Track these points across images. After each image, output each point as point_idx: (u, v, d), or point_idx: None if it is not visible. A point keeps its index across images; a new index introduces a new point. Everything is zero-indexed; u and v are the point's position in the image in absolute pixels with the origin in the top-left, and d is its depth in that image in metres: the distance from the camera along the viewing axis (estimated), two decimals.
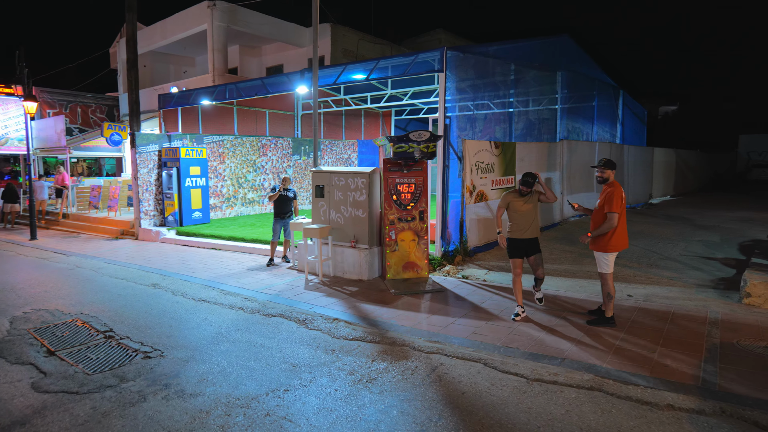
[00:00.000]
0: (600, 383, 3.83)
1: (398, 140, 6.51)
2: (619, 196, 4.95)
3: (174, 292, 7.09)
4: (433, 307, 6.04)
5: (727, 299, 5.89)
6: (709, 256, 7.98)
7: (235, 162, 14.27)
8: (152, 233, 11.85)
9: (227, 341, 5.09)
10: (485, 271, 7.73)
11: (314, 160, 8.25)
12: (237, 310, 6.18)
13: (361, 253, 7.51)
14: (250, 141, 14.58)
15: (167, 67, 21.52)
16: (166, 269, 8.57)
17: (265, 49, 20.10)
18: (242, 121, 14.82)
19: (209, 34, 16.05)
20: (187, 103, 12.50)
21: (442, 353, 4.58)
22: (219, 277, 7.86)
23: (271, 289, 7.11)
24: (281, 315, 5.91)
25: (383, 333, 5.18)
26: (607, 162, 5.19)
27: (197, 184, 12.51)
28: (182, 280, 7.75)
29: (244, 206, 14.60)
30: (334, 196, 7.92)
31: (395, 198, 7.34)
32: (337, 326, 5.46)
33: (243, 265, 8.82)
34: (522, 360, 4.34)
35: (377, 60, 8.67)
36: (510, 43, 9.35)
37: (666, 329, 4.97)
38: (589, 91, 12.45)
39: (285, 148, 15.58)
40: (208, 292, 7.01)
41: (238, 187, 14.40)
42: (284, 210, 8.77)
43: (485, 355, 4.49)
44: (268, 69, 20.39)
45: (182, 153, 12.03)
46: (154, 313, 6.09)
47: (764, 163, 26.42)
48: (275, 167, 15.33)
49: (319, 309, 6.08)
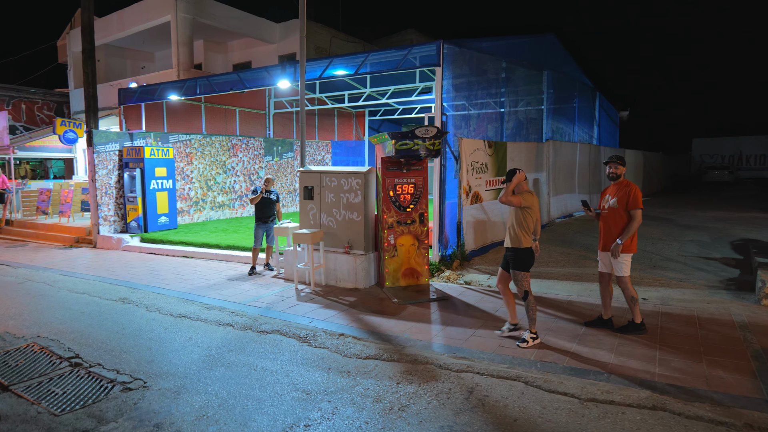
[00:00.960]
0: (661, 401, 3.46)
1: (402, 137, 6.00)
2: (640, 193, 4.74)
3: (147, 307, 6.26)
4: (444, 317, 5.56)
5: (742, 300, 5.75)
6: (707, 256, 7.94)
7: (203, 163, 13.31)
8: (113, 241, 10.77)
9: (222, 365, 4.40)
10: (487, 276, 7.34)
11: (301, 159, 7.62)
12: (225, 326, 5.47)
13: (357, 259, 6.94)
14: (219, 141, 13.66)
15: (123, 62, 20.06)
16: (134, 281, 7.67)
17: (232, 44, 19.10)
18: (211, 120, 13.88)
19: (173, 27, 14.97)
20: (151, 98, 11.49)
21: (473, 371, 4.10)
22: (197, 289, 7.07)
23: (259, 301, 6.42)
24: (278, 331, 5.26)
25: (399, 349, 4.64)
26: (620, 158, 4.92)
27: (163, 186, 11.51)
28: (155, 293, 6.90)
29: (214, 210, 13.66)
30: (325, 198, 7.31)
31: (394, 200, 6.83)
32: (345, 343, 4.87)
33: (222, 274, 8.04)
34: (565, 376, 3.92)
35: (367, 54, 8.14)
36: (502, 39, 9.06)
37: (700, 335, 4.70)
38: (571, 91, 12.43)
39: (257, 148, 14.74)
40: (188, 307, 6.23)
41: (207, 189, 13.45)
42: (267, 214, 8.07)
43: (522, 371, 4.04)
44: (234, 66, 19.39)
45: (147, 153, 11.02)
46: (127, 334, 5.28)
47: (718, 166, 27.82)
48: (246, 169, 14.46)
49: (319, 323, 5.47)
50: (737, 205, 16.07)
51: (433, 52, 7.54)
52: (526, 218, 4.61)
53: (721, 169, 26.76)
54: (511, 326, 4.89)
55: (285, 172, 15.69)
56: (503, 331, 4.89)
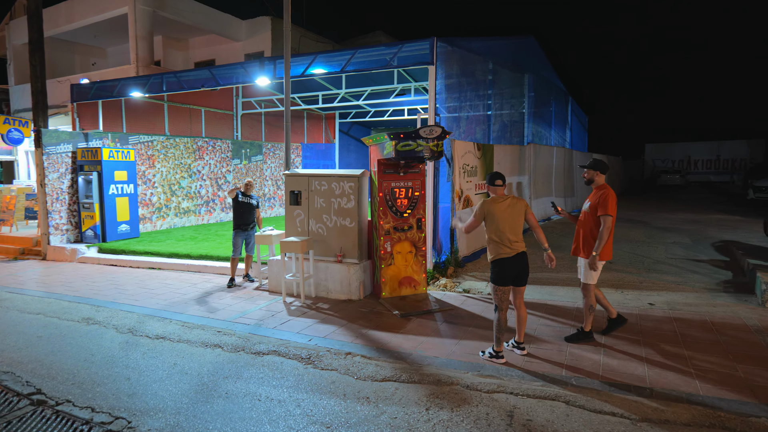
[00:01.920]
0: (716, 418, 3.24)
1: (405, 137, 5.61)
2: (614, 199, 4.52)
3: (118, 328, 5.53)
4: (454, 330, 5.20)
5: (745, 303, 5.74)
6: (695, 258, 8.03)
7: (167, 166, 12.39)
8: (66, 252, 9.73)
9: (219, 396, 3.83)
10: (485, 284, 7.06)
11: (286, 162, 7.08)
12: (213, 348, 4.86)
13: (350, 268, 6.48)
14: (184, 142, 12.76)
15: (71, 57, 18.55)
16: (97, 297, 6.84)
17: (194, 41, 18.08)
18: (174, 120, 12.96)
19: (131, 19, 13.90)
20: (109, 95, 10.52)
21: (506, 391, 3.75)
22: (172, 305, 6.37)
23: (246, 317, 5.82)
24: (275, 352, 4.72)
25: (417, 368, 4.23)
26: (599, 163, 4.69)
27: (124, 191, 10.56)
28: (125, 312, 6.15)
29: (178, 217, 12.73)
30: (314, 203, 6.80)
31: (390, 204, 6.42)
32: (354, 363, 4.41)
33: (197, 287, 7.34)
34: (606, 393, 3.64)
35: (354, 50, 7.71)
36: (488, 39, 8.89)
37: (722, 342, 4.58)
38: (548, 95, 12.50)
39: (224, 151, 13.92)
40: (166, 326, 5.55)
41: (170, 195, 12.52)
42: (247, 221, 7.45)
43: (558, 390, 3.73)
44: (196, 64, 18.37)
45: (105, 155, 10.06)
46: (98, 361, 4.58)
47: (670, 170, 29.25)
48: (213, 172, 13.61)
49: (320, 341, 4.96)
50: (697, 207, 16.78)
51: (425, 50, 7.22)
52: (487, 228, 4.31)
53: (673, 173, 28.12)
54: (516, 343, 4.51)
55: (254, 176, 14.92)
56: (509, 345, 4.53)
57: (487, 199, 4.37)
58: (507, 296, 4.30)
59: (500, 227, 4.24)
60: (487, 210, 4.30)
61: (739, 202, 18.40)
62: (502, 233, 4.24)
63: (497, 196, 4.36)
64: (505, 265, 4.26)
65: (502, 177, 4.40)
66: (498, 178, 4.38)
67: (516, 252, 4.25)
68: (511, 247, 4.23)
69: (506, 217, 4.25)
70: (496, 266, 4.30)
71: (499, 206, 4.28)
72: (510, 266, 4.25)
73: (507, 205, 4.29)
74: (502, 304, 4.29)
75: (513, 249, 4.24)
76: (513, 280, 4.31)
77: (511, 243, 4.23)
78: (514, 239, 4.25)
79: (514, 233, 4.26)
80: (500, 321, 4.29)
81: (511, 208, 4.28)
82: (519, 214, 4.30)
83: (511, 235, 4.24)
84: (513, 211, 4.28)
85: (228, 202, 14.10)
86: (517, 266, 4.28)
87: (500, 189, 4.37)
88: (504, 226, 4.24)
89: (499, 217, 4.24)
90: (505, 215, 4.25)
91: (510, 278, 4.28)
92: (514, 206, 4.30)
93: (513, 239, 4.24)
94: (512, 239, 4.23)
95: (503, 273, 4.26)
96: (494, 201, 4.32)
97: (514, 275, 4.29)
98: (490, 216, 4.29)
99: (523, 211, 4.34)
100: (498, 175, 4.41)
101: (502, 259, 4.26)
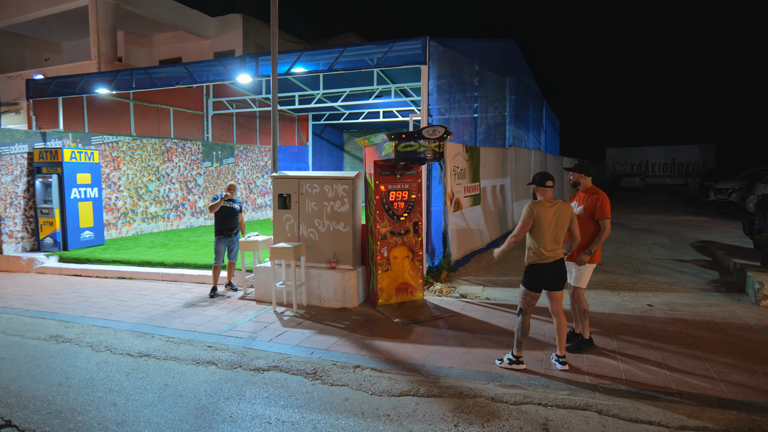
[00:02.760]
0: (753, 423, 3.17)
1: (407, 137, 5.39)
2: (609, 202, 4.44)
3: (93, 346, 5.01)
4: (461, 338, 5.00)
5: (739, 302, 5.86)
6: (680, 259, 8.21)
7: (133, 169, 11.64)
8: (22, 262, 8.90)
9: (224, 421, 3.46)
10: (481, 288, 6.93)
11: (273, 164, 6.70)
12: (207, 366, 4.46)
13: (345, 275, 6.18)
14: (151, 143, 12.04)
15: (21, 51, 17.26)
16: (64, 312, 6.23)
17: (158, 38, 17.21)
18: (141, 119, 12.22)
19: (92, 12, 13.01)
20: (71, 92, 9.75)
21: (533, 402, 3.57)
22: (152, 318, 5.87)
23: (237, 329, 5.42)
24: (276, 368, 4.36)
25: (433, 381, 4.00)
26: (583, 165, 4.54)
27: (87, 195, 9.80)
28: (99, 327, 5.60)
29: (146, 222, 11.99)
30: (305, 206, 6.46)
31: (387, 208, 6.18)
32: (365, 376, 4.13)
33: (176, 298, 6.83)
34: (636, 401, 3.52)
35: (343, 48, 7.43)
36: (476, 41, 8.82)
37: (730, 342, 4.60)
38: (527, 98, 12.61)
39: (194, 152, 13.25)
40: (149, 342, 5.07)
41: (137, 199, 11.77)
42: (230, 226, 7.01)
43: (587, 398, 3.59)
44: (161, 62, 17.51)
45: (67, 156, 9.30)
46: (75, 385, 4.09)
47: (631, 173, 30.45)
48: (183, 175, 12.92)
49: (323, 354, 4.65)
50: (662, 208, 17.44)
51: (418, 50, 7.04)
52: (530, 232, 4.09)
53: (633, 176, 29.27)
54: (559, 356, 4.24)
55: (225, 179, 14.30)
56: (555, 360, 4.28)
57: (535, 201, 4.04)
58: (535, 302, 4.11)
59: (543, 234, 3.97)
60: (536, 213, 3.97)
61: (700, 203, 19.29)
62: (543, 240, 3.97)
63: (545, 199, 4.05)
64: (542, 270, 4.02)
65: (552, 177, 4.09)
66: (549, 179, 4.05)
67: (555, 258, 4.03)
68: (550, 253, 4.00)
69: (552, 223, 3.97)
70: (531, 271, 4.06)
71: (548, 211, 3.97)
72: (548, 272, 4.02)
73: (555, 210, 3.99)
74: (528, 309, 4.11)
75: (552, 255, 4.01)
76: (548, 285, 4.09)
77: (548, 250, 4.00)
78: (554, 247, 4.02)
79: (555, 241, 4.02)
80: (524, 325, 4.10)
81: (558, 214, 3.99)
82: (565, 221, 4.03)
83: (553, 243, 4.00)
84: (560, 218, 4.00)
85: (199, 207, 13.43)
86: (555, 272, 4.05)
87: (550, 191, 4.05)
88: (547, 233, 3.96)
89: (545, 223, 3.96)
90: (551, 222, 3.97)
91: (544, 284, 4.07)
92: (561, 213, 4.01)
93: (552, 247, 4.01)
94: (551, 247, 4.00)
95: (538, 278, 4.04)
96: (542, 204, 3.99)
97: (550, 281, 4.07)
98: (536, 220, 3.98)
99: (569, 219, 4.06)
100: (548, 175, 4.08)
101: (539, 265, 4.03)
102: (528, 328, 4.14)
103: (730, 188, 15.72)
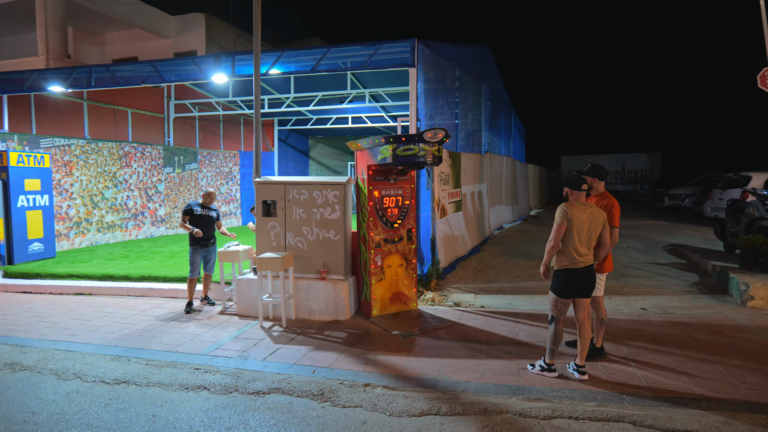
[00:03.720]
0: None
1: (408, 140, 5.16)
2: (619, 209, 4.35)
3: (59, 374, 4.41)
4: (468, 348, 4.80)
5: (725, 303, 6.02)
6: (657, 262, 8.43)
7: (87, 174, 10.75)
8: None
9: None
10: (473, 296, 6.78)
11: (255, 169, 6.29)
12: (198, 391, 4.00)
13: (337, 285, 5.85)
14: (108, 147, 11.18)
15: None
16: (17, 334, 5.51)
17: (111, 36, 16.14)
18: (97, 121, 11.31)
19: (39, 5, 11.95)
20: (18, 89, 8.83)
21: (563, 416, 3.41)
22: (124, 339, 5.29)
23: (224, 349, 4.96)
24: (278, 390, 3.98)
25: (453, 397, 3.76)
26: (596, 169, 4.40)
27: (37, 203, 8.90)
28: (62, 351, 4.96)
29: (101, 233, 11.08)
30: (292, 214, 6.09)
31: (381, 214, 5.91)
32: (378, 396, 3.83)
33: (146, 314, 6.24)
34: (666, 409, 3.43)
35: (327, 48, 7.13)
36: (457, 46, 8.76)
37: (732, 344, 4.66)
38: (499, 105, 12.75)
39: (154, 158, 12.44)
40: (125, 367, 4.53)
41: (92, 207, 10.86)
42: (207, 235, 6.51)
43: (617, 409, 3.46)
44: (114, 61, 16.42)
45: (13, 159, 8.41)
46: (44, 422, 3.53)
47: None
48: (142, 182, 12.09)
49: (326, 372, 4.30)
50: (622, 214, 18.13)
51: (406, 52, 6.86)
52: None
53: None
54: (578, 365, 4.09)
55: (188, 186, 13.54)
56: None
57: (569, 203, 3.90)
58: (566, 308, 3.98)
59: (575, 237, 3.83)
60: (570, 215, 3.83)
61: (654, 209, 20.28)
62: (575, 243, 3.84)
63: (579, 202, 3.91)
64: (573, 275, 3.89)
65: (586, 181, 3.96)
66: (584, 183, 3.91)
67: (585, 264, 3.90)
68: (580, 258, 3.87)
69: (585, 226, 3.85)
70: (561, 276, 3.92)
71: (581, 213, 3.84)
72: (578, 278, 3.89)
73: (588, 213, 3.87)
74: (560, 316, 3.98)
75: (583, 261, 3.88)
76: (578, 292, 3.96)
77: (580, 255, 3.87)
78: (585, 252, 3.88)
79: (588, 245, 3.89)
80: (556, 333, 3.96)
81: (591, 217, 3.88)
82: (599, 226, 3.91)
83: (583, 248, 3.87)
84: (593, 221, 3.88)
85: (160, 215, 12.60)
86: (584, 278, 3.92)
87: (584, 195, 3.93)
88: (579, 237, 3.84)
89: (578, 226, 3.83)
90: (584, 224, 3.84)
91: (574, 291, 3.94)
92: (595, 217, 3.89)
93: (584, 252, 3.88)
94: (583, 252, 3.87)
95: (569, 284, 3.91)
96: (576, 206, 3.86)
97: (581, 287, 3.94)
98: (569, 222, 3.84)
99: (602, 225, 3.94)
100: (583, 179, 3.94)
101: (569, 270, 3.89)
102: (561, 336, 4.02)
103: (684, 194, 16.59)
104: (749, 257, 6.39)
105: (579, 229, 3.84)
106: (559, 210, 3.90)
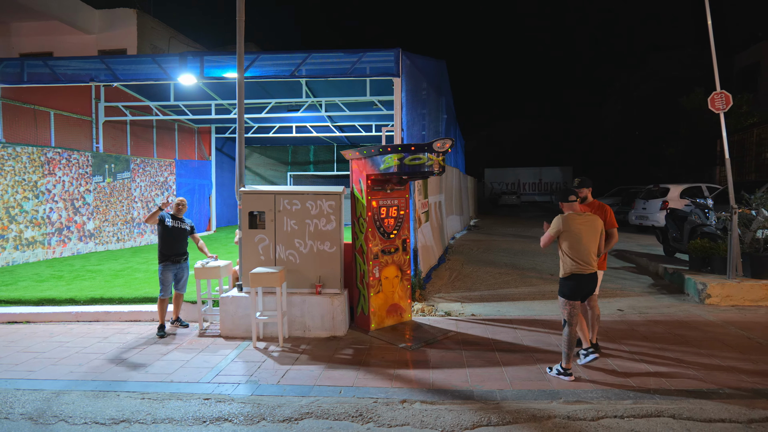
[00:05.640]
0: None
1: (417, 150, 5.11)
2: (612, 211, 4.93)
3: (34, 418, 3.71)
4: (485, 357, 4.82)
5: (685, 301, 6.68)
6: (611, 266, 9.14)
7: (3, 183, 9.30)
8: None
9: None
10: (459, 304, 6.86)
11: (238, 177, 5.85)
12: (220, 424, 3.58)
13: (334, 300, 5.60)
14: (27, 153, 9.78)
15: None
16: None
17: (20, 27, 14.19)
18: (13, 123, 9.85)
19: None
20: None
21: (609, 416, 3.54)
22: (98, 371, 4.60)
23: (225, 374, 4.50)
24: (310, 414, 3.69)
25: (496, 406, 3.74)
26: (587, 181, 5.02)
27: None
28: (26, 390, 4.19)
29: (20, 250, 9.61)
30: (283, 225, 5.75)
31: (378, 225, 5.79)
32: (420, 411, 3.70)
33: (112, 342, 5.50)
34: (694, 401, 3.70)
35: (308, 53, 6.88)
36: (425, 58, 8.92)
37: (714, 338, 5.17)
38: (451, 118, 13.15)
39: (82, 165, 11.10)
40: (119, 403, 3.92)
41: (8, 221, 9.40)
42: (179, 250, 5.93)
43: (653, 404, 3.67)
44: (22, 55, 14.46)
45: None
46: None
47: (509, 191, 33.99)
48: (68, 192, 10.72)
49: (353, 391, 4.08)
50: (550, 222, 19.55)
51: (390, 62, 6.86)
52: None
53: (511, 194, 32.68)
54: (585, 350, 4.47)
55: (120, 197, 12.25)
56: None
57: (563, 215, 4.22)
58: (578, 311, 4.17)
59: (577, 244, 4.11)
60: (564, 225, 4.13)
61: None
62: (579, 250, 4.11)
63: (573, 212, 4.23)
64: (580, 280, 4.14)
65: (575, 192, 4.30)
66: (571, 194, 4.27)
67: (591, 271, 4.17)
68: (587, 264, 4.13)
69: (583, 232, 4.12)
70: (570, 281, 4.15)
71: (576, 220, 4.15)
72: (585, 282, 4.16)
73: (584, 220, 4.18)
74: (572, 319, 4.15)
75: (588, 267, 4.14)
76: (584, 296, 4.23)
77: (584, 262, 4.13)
78: (588, 258, 4.14)
79: (591, 251, 4.16)
80: (571, 336, 4.13)
81: (588, 224, 4.17)
82: (597, 232, 4.20)
83: (586, 254, 4.13)
84: (591, 227, 4.17)
85: (88, 229, 11.24)
86: (590, 284, 4.23)
87: (575, 204, 4.26)
88: (581, 243, 4.11)
89: (577, 233, 4.12)
90: (582, 230, 4.12)
91: (582, 294, 4.18)
92: (592, 223, 4.18)
93: (586, 258, 4.13)
94: (588, 258, 4.13)
95: (576, 288, 4.15)
96: (571, 216, 4.18)
97: (588, 290, 4.21)
98: (566, 232, 4.13)
99: (600, 231, 4.23)
100: (571, 191, 4.32)
101: (577, 275, 4.14)
102: (575, 340, 4.19)
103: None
104: (698, 260, 7.17)
105: (578, 235, 4.12)
106: (554, 221, 4.23)
